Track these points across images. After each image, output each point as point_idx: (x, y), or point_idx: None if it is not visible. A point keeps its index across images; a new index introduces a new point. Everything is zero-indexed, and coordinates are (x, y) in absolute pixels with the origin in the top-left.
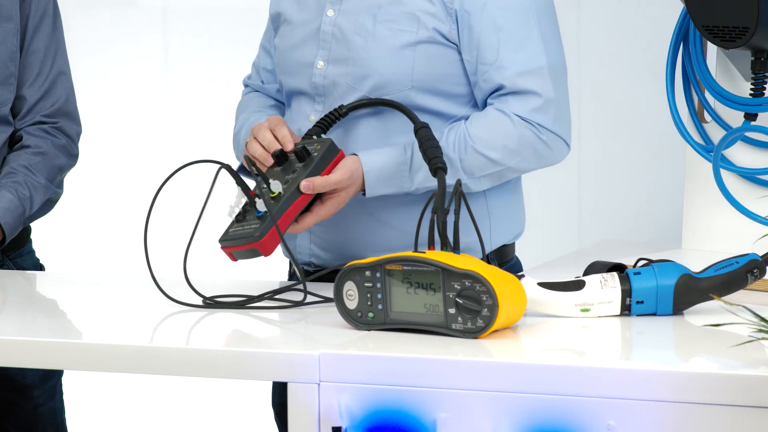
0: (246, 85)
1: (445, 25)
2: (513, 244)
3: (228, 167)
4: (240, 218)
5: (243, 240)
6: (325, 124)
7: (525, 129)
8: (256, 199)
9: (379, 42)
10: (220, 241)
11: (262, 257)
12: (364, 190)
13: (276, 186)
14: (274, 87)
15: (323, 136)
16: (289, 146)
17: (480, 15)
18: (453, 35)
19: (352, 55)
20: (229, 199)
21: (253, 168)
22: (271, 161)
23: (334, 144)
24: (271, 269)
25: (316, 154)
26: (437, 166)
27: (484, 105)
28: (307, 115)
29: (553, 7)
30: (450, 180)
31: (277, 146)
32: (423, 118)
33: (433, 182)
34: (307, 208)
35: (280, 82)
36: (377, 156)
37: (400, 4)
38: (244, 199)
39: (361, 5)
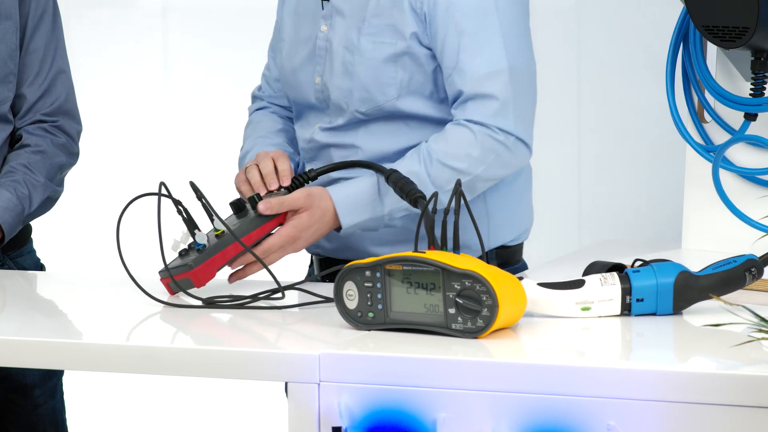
0: (255, 97)
1: (419, 30)
2: (520, 246)
3: (178, 204)
4: (183, 254)
5: (178, 269)
6: (295, 184)
7: (486, 137)
8: (196, 232)
9: (363, 56)
10: (159, 273)
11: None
12: (339, 228)
13: (220, 224)
14: (285, 97)
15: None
16: (286, 182)
17: (443, 19)
18: (427, 40)
19: (341, 69)
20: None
21: (202, 200)
22: (264, 190)
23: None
24: (284, 266)
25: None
26: (416, 196)
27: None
28: (313, 124)
29: (523, 9)
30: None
31: (262, 189)
32: (414, 124)
33: (404, 205)
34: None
35: (287, 97)
36: (345, 186)
37: (381, 17)
38: (190, 239)
39: (349, 19)
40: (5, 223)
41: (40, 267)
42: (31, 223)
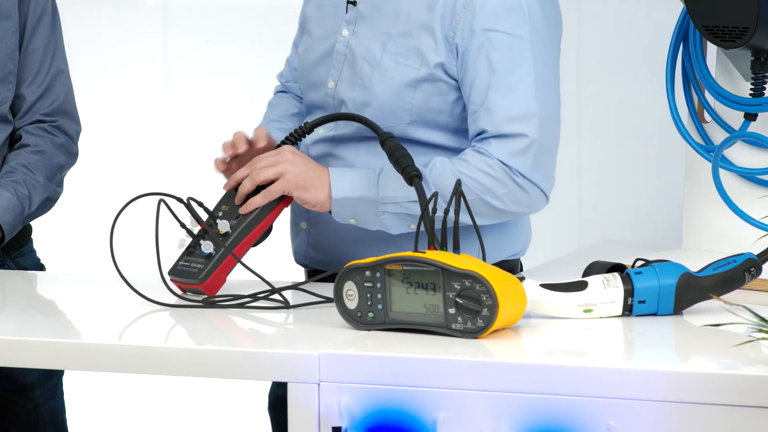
0: (279, 81)
1: (447, 60)
2: (517, 261)
3: (187, 204)
4: (191, 250)
5: (188, 279)
6: (291, 140)
7: (501, 169)
8: (202, 241)
9: (384, 74)
10: (169, 273)
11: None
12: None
13: (223, 225)
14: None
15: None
16: (261, 142)
17: (476, 54)
18: (454, 70)
19: (358, 81)
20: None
21: (204, 208)
22: (230, 151)
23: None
24: (287, 266)
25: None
26: (412, 174)
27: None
28: (318, 129)
29: (556, 55)
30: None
31: (229, 150)
32: (421, 150)
33: (401, 197)
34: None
35: (302, 91)
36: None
37: (409, 38)
38: (196, 232)
39: (374, 31)
40: (5, 223)
41: (40, 267)
42: (31, 223)
